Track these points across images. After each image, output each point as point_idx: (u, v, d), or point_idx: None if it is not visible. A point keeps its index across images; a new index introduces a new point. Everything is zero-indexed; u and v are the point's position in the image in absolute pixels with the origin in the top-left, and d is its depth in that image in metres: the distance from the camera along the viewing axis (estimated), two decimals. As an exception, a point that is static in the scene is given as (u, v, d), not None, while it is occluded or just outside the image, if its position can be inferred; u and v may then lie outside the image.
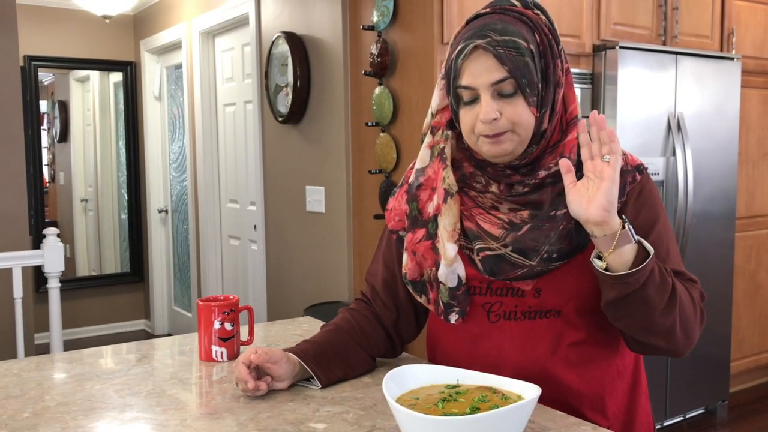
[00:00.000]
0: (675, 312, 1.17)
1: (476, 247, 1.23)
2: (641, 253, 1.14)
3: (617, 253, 1.12)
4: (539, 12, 1.20)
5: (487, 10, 1.21)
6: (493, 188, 1.24)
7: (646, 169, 1.28)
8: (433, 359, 1.42)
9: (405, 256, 1.33)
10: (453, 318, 1.28)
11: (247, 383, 1.25)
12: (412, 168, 1.35)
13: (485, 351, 1.29)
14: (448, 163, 1.27)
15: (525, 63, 1.15)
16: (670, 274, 1.18)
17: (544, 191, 1.21)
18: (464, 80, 1.18)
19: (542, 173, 1.21)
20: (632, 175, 1.25)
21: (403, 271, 1.34)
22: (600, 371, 1.27)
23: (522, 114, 1.16)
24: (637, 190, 1.24)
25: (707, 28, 3.63)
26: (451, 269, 1.25)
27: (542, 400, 1.13)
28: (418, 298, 1.34)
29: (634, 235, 1.13)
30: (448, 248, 1.24)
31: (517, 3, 1.20)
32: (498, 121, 1.16)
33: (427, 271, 1.30)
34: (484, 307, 1.27)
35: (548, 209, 1.20)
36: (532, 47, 1.16)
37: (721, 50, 3.69)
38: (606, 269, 1.14)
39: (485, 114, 1.15)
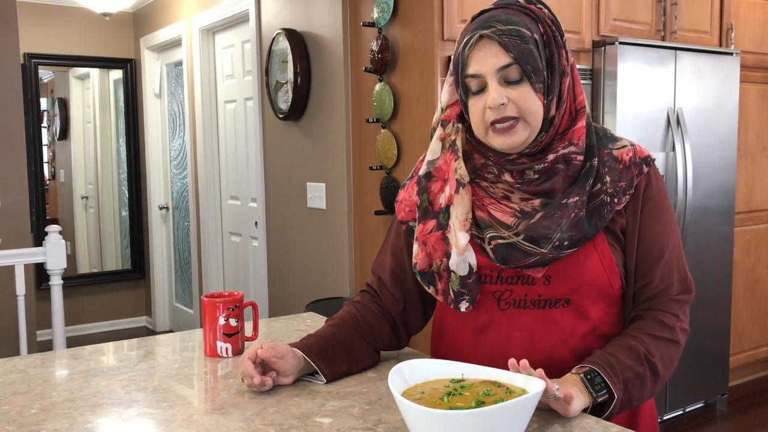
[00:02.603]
0: (659, 381, 1.25)
1: (488, 236, 1.24)
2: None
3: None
4: (542, 6, 1.23)
5: (491, 6, 1.25)
6: (506, 177, 1.26)
7: (654, 161, 1.30)
8: (439, 348, 1.44)
9: (415, 246, 1.34)
10: (463, 306, 1.29)
11: (253, 378, 1.26)
12: (422, 161, 1.37)
13: (493, 339, 1.31)
14: (460, 154, 1.28)
15: (529, 50, 1.18)
16: (645, 374, 1.22)
17: (556, 179, 1.23)
18: (471, 69, 1.21)
19: (551, 156, 1.23)
20: (639, 167, 1.27)
21: (413, 261, 1.34)
22: None
23: (529, 100, 1.19)
24: (644, 184, 1.27)
25: (706, 23, 3.64)
26: (462, 258, 1.26)
27: None
28: (426, 289, 1.35)
29: (599, 394, 1.17)
30: (460, 237, 1.25)
31: (516, 1, 1.23)
32: (505, 106, 1.18)
33: (437, 262, 1.31)
34: (494, 295, 1.29)
35: (560, 197, 1.22)
36: (535, 36, 1.19)
37: (720, 45, 3.70)
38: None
39: (492, 99, 1.18)
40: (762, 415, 3.72)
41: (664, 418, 3.55)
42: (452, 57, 1.27)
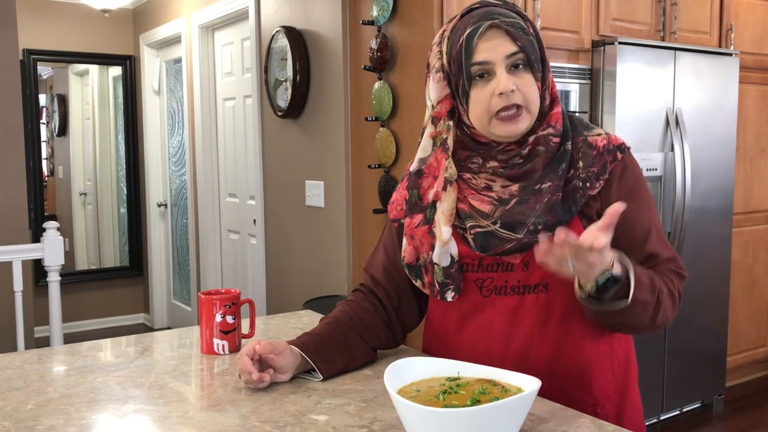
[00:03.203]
0: (657, 319, 1.24)
1: (468, 225, 1.29)
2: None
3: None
4: (519, 9, 1.30)
5: (478, 5, 1.29)
6: (492, 163, 1.30)
7: (629, 148, 1.34)
8: (427, 336, 1.48)
9: (404, 241, 1.38)
10: (449, 296, 1.34)
11: (251, 374, 1.26)
12: (412, 164, 1.41)
13: (476, 325, 1.35)
14: (450, 153, 1.32)
15: (531, 42, 1.25)
16: (656, 288, 1.22)
17: (537, 160, 1.27)
18: (479, 56, 1.24)
19: (531, 138, 1.28)
20: (613, 154, 1.31)
21: (402, 254, 1.39)
22: (587, 349, 1.31)
23: (532, 88, 1.25)
24: (619, 170, 1.31)
25: (706, 23, 3.64)
26: (443, 249, 1.31)
27: (529, 373, 1.15)
28: (414, 282, 1.40)
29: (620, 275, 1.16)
30: (444, 231, 1.31)
31: (500, 2, 1.29)
32: (514, 93, 1.23)
33: (423, 256, 1.35)
34: (476, 282, 1.33)
35: (536, 180, 1.26)
36: (531, 30, 1.27)
37: (720, 46, 3.70)
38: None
39: (504, 85, 1.22)
40: (759, 416, 3.72)
41: (661, 418, 3.56)
42: (448, 50, 1.27)
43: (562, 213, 1.25)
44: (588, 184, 1.28)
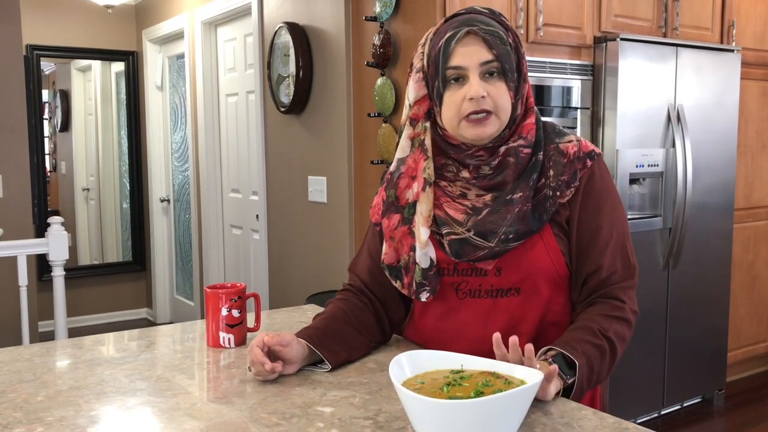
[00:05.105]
0: (616, 358, 1.31)
1: (444, 232, 1.34)
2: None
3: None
4: (505, 18, 1.34)
5: (463, 11, 1.34)
6: (464, 173, 1.34)
7: (599, 155, 1.37)
8: (408, 333, 1.54)
9: (384, 244, 1.42)
10: (424, 296, 1.39)
11: (264, 365, 1.28)
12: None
13: (450, 325, 1.40)
14: (429, 154, 1.36)
15: (507, 51, 1.29)
16: (604, 347, 1.27)
17: (507, 172, 1.32)
18: (455, 61, 1.28)
19: (502, 149, 1.31)
20: (583, 162, 1.35)
21: (382, 257, 1.43)
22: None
23: (504, 96, 1.29)
24: (586, 177, 1.34)
25: (708, 20, 3.65)
26: (424, 252, 1.35)
27: None
28: (393, 283, 1.44)
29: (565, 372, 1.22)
30: (422, 232, 1.35)
31: (486, 11, 1.33)
32: (485, 99, 1.26)
33: (404, 257, 1.40)
34: (452, 285, 1.38)
35: (508, 191, 1.31)
36: (510, 41, 1.30)
37: (722, 42, 3.71)
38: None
39: (475, 91, 1.27)
40: (759, 411, 3.74)
41: (662, 413, 3.58)
42: (428, 52, 1.33)
43: (533, 222, 1.30)
44: (558, 193, 1.32)
